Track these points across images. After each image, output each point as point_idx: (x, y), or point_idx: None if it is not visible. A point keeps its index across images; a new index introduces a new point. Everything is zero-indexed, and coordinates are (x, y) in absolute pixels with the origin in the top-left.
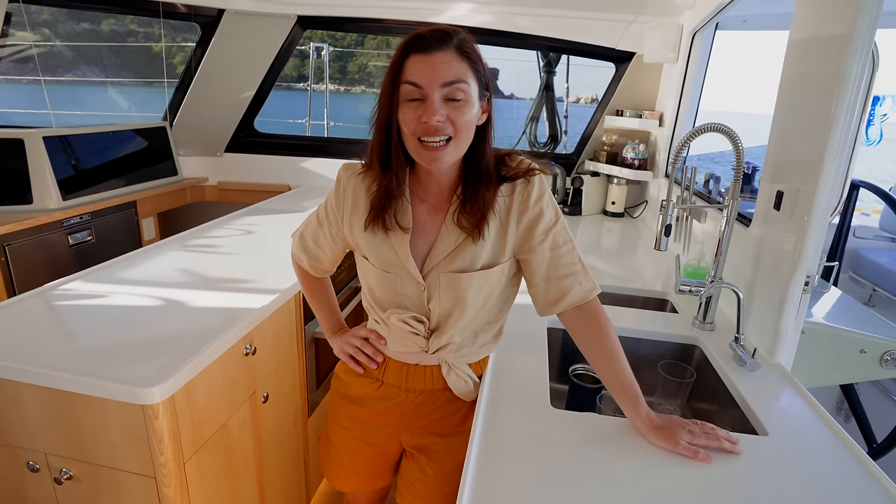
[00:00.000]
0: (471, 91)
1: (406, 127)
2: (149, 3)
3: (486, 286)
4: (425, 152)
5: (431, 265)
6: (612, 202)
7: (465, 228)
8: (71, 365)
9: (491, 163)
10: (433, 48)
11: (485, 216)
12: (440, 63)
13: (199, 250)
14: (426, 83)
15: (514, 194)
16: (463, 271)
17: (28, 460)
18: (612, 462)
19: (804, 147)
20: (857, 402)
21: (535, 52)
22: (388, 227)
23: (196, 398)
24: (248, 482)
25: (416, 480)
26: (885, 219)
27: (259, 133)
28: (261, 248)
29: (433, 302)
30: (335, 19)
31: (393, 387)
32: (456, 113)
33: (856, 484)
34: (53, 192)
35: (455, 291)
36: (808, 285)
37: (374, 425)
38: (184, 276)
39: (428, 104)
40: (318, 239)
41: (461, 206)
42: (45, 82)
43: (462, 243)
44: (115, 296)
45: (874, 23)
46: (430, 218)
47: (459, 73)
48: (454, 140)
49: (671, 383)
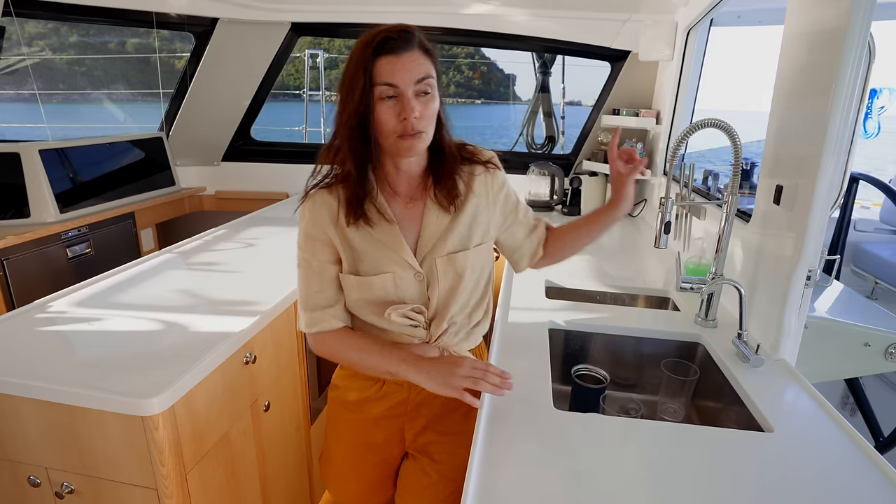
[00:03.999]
0: (435, 84)
1: (384, 126)
2: (142, 13)
3: (478, 263)
4: (402, 142)
5: (424, 252)
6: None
7: (445, 205)
8: (70, 378)
9: (453, 146)
10: (401, 49)
11: (459, 191)
12: (410, 62)
13: (198, 260)
14: (401, 82)
15: (486, 179)
16: (458, 251)
17: (29, 475)
18: (617, 462)
19: (802, 141)
20: (863, 397)
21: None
22: (373, 221)
23: (196, 408)
24: (251, 492)
25: (417, 482)
26: (886, 211)
27: (256, 141)
28: (259, 256)
29: (432, 289)
30: (329, 25)
31: (395, 384)
32: (424, 107)
33: (863, 478)
34: (51, 206)
35: (454, 273)
36: (810, 279)
37: (376, 430)
38: (182, 286)
39: (405, 101)
40: (322, 285)
41: (436, 186)
42: (41, 97)
43: (449, 225)
44: (114, 308)
45: (869, 15)
46: (409, 210)
47: (427, 70)
48: (424, 132)
49: (675, 382)
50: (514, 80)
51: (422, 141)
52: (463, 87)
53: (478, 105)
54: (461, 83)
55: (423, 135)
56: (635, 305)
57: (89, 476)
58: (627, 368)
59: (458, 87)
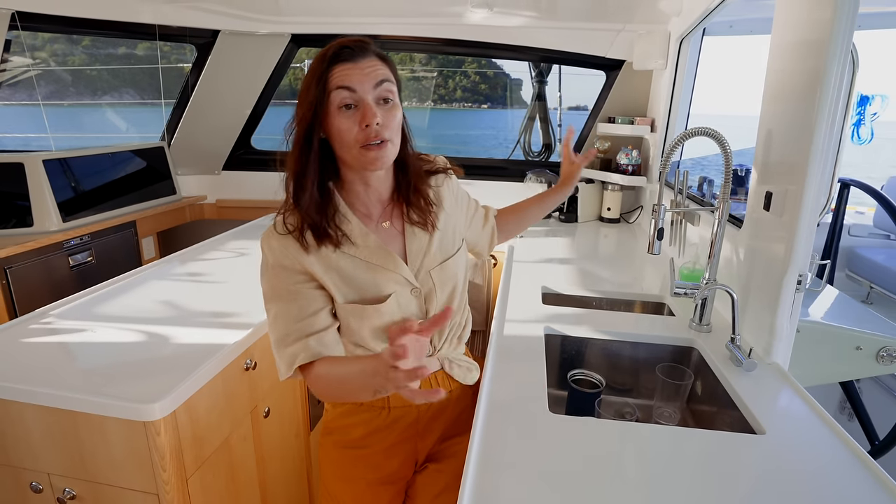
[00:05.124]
0: (396, 92)
1: (345, 135)
2: (145, 26)
3: (462, 265)
4: (368, 153)
5: (416, 267)
6: (607, 208)
7: (419, 224)
8: (73, 384)
9: (417, 161)
10: (357, 56)
11: (430, 206)
12: (367, 67)
13: (199, 268)
14: (359, 86)
15: (449, 186)
16: (447, 259)
17: (31, 481)
18: (613, 465)
19: (790, 148)
20: (859, 401)
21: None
22: (356, 243)
23: (197, 414)
24: (251, 498)
25: (431, 483)
26: (879, 217)
27: (256, 150)
28: (259, 263)
29: (430, 301)
30: (329, 36)
31: (402, 408)
32: (387, 116)
33: (854, 481)
34: (54, 215)
35: (450, 280)
36: (801, 284)
37: (390, 460)
38: (184, 293)
39: (366, 107)
40: (302, 312)
41: (407, 206)
42: (45, 106)
43: (430, 238)
44: (116, 315)
45: (851, 25)
46: (387, 229)
47: (385, 74)
48: (390, 141)
49: (670, 386)
50: (520, 84)
51: (387, 151)
52: (469, 91)
53: (484, 110)
54: (467, 88)
55: (388, 144)
56: (631, 311)
57: (91, 482)
58: (623, 373)
59: (465, 91)
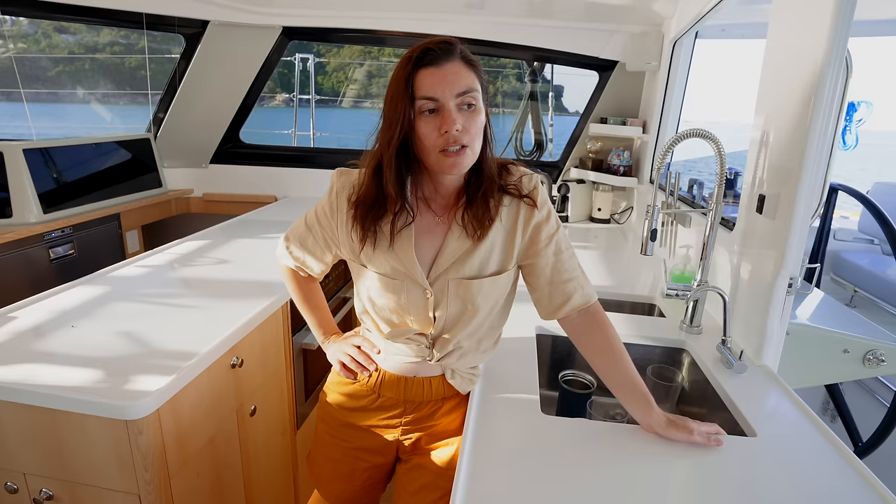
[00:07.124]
0: (479, 98)
1: (426, 140)
2: (132, 14)
3: (493, 293)
4: (447, 159)
5: (438, 272)
6: (598, 208)
7: (470, 230)
8: (52, 381)
9: (494, 167)
10: (442, 60)
11: (490, 218)
12: (451, 74)
13: (184, 262)
14: (441, 94)
15: (520, 203)
16: (473, 278)
17: (6, 481)
18: (603, 466)
19: (784, 152)
20: (843, 402)
21: None
22: (392, 234)
23: (182, 413)
24: (235, 497)
25: (412, 480)
26: (864, 221)
27: (245, 144)
28: (247, 259)
29: (439, 310)
30: (321, 30)
31: (391, 398)
32: (469, 121)
33: (842, 482)
34: (34, 206)
35: (464, 298)
36: (792, 287)
37: (370, 437)
38: (168, 288)
39: (446, 114)
40: (305, 243)
41: (467, 208)
42: (26, 97)
43: (469, 248)
44: (97, 310)
45: (846, 31)
46: (437, 223)
47: (469, 83)
48: (469, 147)
49: (660, 387)
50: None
51: (466, 157)
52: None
53: None
54: (508, 93)
55: (467, 150)
56: (622, 312)
57: (69, 481)
58: None
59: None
